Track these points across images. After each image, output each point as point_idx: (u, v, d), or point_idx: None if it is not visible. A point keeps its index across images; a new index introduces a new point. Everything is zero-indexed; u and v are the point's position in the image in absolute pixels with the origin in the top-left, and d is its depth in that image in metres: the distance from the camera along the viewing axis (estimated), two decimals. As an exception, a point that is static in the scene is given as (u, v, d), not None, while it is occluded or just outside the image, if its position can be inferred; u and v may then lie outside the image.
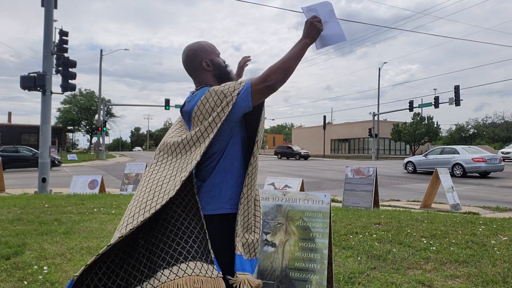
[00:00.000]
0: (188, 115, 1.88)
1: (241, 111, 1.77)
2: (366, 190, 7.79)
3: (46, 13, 11.20)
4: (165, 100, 36.03)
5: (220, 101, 1.76)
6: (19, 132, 45.72)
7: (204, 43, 2.01)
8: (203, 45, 1.99)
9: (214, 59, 1.98)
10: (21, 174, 19.87)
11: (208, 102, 1.79)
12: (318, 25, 1.85)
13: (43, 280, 3.23)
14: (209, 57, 1.97)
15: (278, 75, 1.73)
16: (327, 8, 1.93)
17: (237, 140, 1.87)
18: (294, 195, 3.03)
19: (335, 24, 1.92)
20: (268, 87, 1.74)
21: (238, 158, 1.86)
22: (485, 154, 17.41)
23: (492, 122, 60.21)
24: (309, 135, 63.07)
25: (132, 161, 33.76)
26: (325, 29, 1.91)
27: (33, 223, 5.55)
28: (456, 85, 29.18)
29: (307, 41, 1.83)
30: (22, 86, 10.90)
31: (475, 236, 4.87)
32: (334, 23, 1.92)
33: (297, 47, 1.80)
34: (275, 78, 1.73)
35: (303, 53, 1.81)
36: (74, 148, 78.90)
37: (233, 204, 1.85)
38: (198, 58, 1.96)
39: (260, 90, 1.74)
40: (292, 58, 1.77)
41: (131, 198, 8.41)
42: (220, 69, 1.98)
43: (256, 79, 1.76)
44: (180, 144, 1.85)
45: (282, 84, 1.76)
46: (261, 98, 1.78)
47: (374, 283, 3.24)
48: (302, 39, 1.83)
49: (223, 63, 2.00)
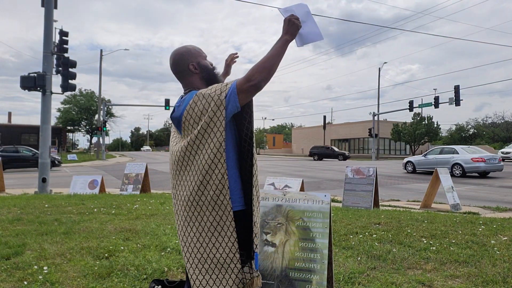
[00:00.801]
0: (177, 121, 1.93)
1: (230, 113, 1.81)
2: (366, 190, 7.79)
3: (46, 13, 11.20)
4: (165, 100, 36.06)
5: (208, 104, 1.80)
6: (19, 132, 45.72)
7: (191, 47, 2.06)
8: (189, 49, 2.04)
9: (201, 61, 2.02)
10: (21, 174, 19.87)
11: (196, 106, 1.83)
12: (297, 22, 1.90)
13: (43, 280, 3.23)
14: (196, 60, 2.01)
15: (262, 74, 1.77)
16: (304, 9, 2.01)
17: (229, 139, 1.89)
18: (294, 195, 3.03)
19: (312, 24, 2.00)
20: (253, 86, 1.77)
21: (230, 157, 1.88)
22: (484, 154, 17.42)
23: (492, 122, 60.21)
24: (309, 135, 63.08)
25: (132, 161, 33.76)
26: (303, 28, 1.98)
27: (33, 223, 5.55)
28: (456, 85, 29.22)
29: (287, 37, 1.88)
30: (22, 86, 10.90)
31: (475, 236, 4.87)
32: (311, 23, 2.00)
33: (278, 45, 1.86)
34: (259, 77, 1.77)
35: (284, 49, 1.86)
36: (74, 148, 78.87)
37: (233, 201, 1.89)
38: (185, 61, 2.00)
39: (246, 90, 1.78)
40: (274, 56, 1.81)
41: (131, 198, 8.41)
42: (207, 71, 2.03)
43: (241, 79, 1.79)
44: (185, 157, 1.88)
45: (267, 82, 1.79)
46: (247, 98, 1.81)
47: (374, 283, 3.24)
48: (282, 37, 1.89)
49: (210, 65, 2.05)
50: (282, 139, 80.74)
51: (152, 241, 4.48)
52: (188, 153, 1.86)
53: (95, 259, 3.85)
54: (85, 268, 3.55)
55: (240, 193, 1.89)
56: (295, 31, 1.90)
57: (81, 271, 3.48)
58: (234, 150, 1.90)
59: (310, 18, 2.01)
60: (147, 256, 3.90)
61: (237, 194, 1.87)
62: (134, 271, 3.48)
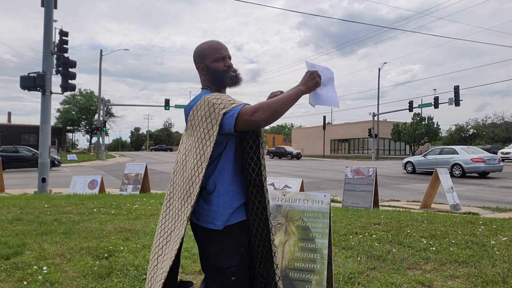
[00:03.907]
0: (186, 115, 1.95)
1: (225, 131, 1.77)
2: (366, 190, 7.79)
3: (46, 13, 11.21)
4: (165, 100, 36.05)
5: (209, 113, 1.79)
6: (19, 132, 45.73)
7: (207, 45, 1.99)
8: (203, 48, 1.99)
9: (210, 64, 1.95)
10: (20, 174, 19.87)
11: (200, 110, 1.83)
12: (317, 78, 1.88)
13: (43, 280, 3.22)
14: (205, 62, 1.97)
15: (265, 114, 1.71)
16: (329, 74, 2.00)
17: (228, 155, 1.88)
18: (294, 195, 3.03)
19: (332, 90, 2.00)
20: (252, 123, 1.72)
21: (226, 173, 1.88)
22: (484, 155, 17.44)
23: (492, 123, 60.19)
24: (309, 135, 63.05)
25: (131, 161, 33.75)
26: (321, 89, 1.95)
27: (33, 223, 5.55)
28: (456, 85, 29.27)
29: (303, 89, 1.85)
30: (22, 86, 10.89)
31: (475, 236, 4.87)
32: (331, 88, 2.00)
33: (292, 92, 1.81)
34: (262, 116, 1.71)
35: (296, 98, 1.81)
36: (74, 148, 78.88)
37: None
38: (196, 62, 2.01)
39: (245, 122, 1.73)
40: (283, 101, 1.75)
41: (130, 198, 8.41)
42: (215, 75, 1.96)
43: (246, 109, 1.74)
44: (182, 161, 1.91)
45: (267, 124, 1.74)
46: (244, 128, 1.76)
47: (374, 283, 3.24)
48: (298, 86, 1.86)
49: (221, 67, 1.95)
50: (282, 139, 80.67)
51: (152, 241, 4.47)
52: (184, 156, 1.89)
53: (95, 259, 3.84)
54: (85, 268, 3.55)
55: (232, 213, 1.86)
56: (313, 86, 1.87)
57: (81, 271, 3.48)
58: (235, 170, 1.88)
59: (331, 84, 2.00)
60: (147, 256, 3.90)
61: (227, 213, 1.85)
62: (134, 271, 3.48)
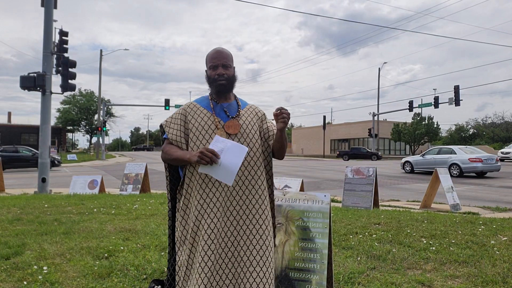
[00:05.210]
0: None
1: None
2: (366, 190, 7.79)
3: (46, 13, 11.20)
4: (165, 100, 36.04)
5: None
6: (19, 132, 45.73)
7: (209, 53, 2.19)
8: (207, 56, 2.20)
9: (207, 71, 2.19)
10: (21, 174, 19.87)
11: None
12: (203, 157, 1.86)
13: (43, 280, 3.22)
14: (206, 69, 2.20)
15: (161, 155, 2.14)
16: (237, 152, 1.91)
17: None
18: (294, 195, 3.03)
19: (233, 167, 1.88)
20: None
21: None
22: (481, 155, 17.46)
23: (492, 122, 60.20)
24: (309, 135, 63.06)
25: (131, 161, 33.74)
26: (220, 162, 1.89)
27: (33, 223, 5.54)
28: (456, 85, 29.26)
29: (189, 157, 1.96)
30: (21, 86, 10.89)
31: (475, 236, 4.87)
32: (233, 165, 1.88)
33: (180, 154, 2.03)
34: (161, 154, 2.14)
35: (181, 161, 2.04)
36: (74, 148, 78.85)
37: None
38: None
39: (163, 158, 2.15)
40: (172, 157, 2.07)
41: (130, 198, 8.40)
42: (208, 82, 2.19)
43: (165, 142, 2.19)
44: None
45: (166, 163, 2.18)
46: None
47: (374, 283, 3.24)
48: (190, 152, 1.99)
49: (213, 75, 2.14)
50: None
51: (152, 241, 4.47)
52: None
53: (95, 259, 3.84)
54: (85, 268, 3.55)
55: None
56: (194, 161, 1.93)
57: (81, 271, 3.48)
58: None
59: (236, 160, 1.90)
60: (147, 256, 3.90)
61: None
62: (134, 271, 3.48)
